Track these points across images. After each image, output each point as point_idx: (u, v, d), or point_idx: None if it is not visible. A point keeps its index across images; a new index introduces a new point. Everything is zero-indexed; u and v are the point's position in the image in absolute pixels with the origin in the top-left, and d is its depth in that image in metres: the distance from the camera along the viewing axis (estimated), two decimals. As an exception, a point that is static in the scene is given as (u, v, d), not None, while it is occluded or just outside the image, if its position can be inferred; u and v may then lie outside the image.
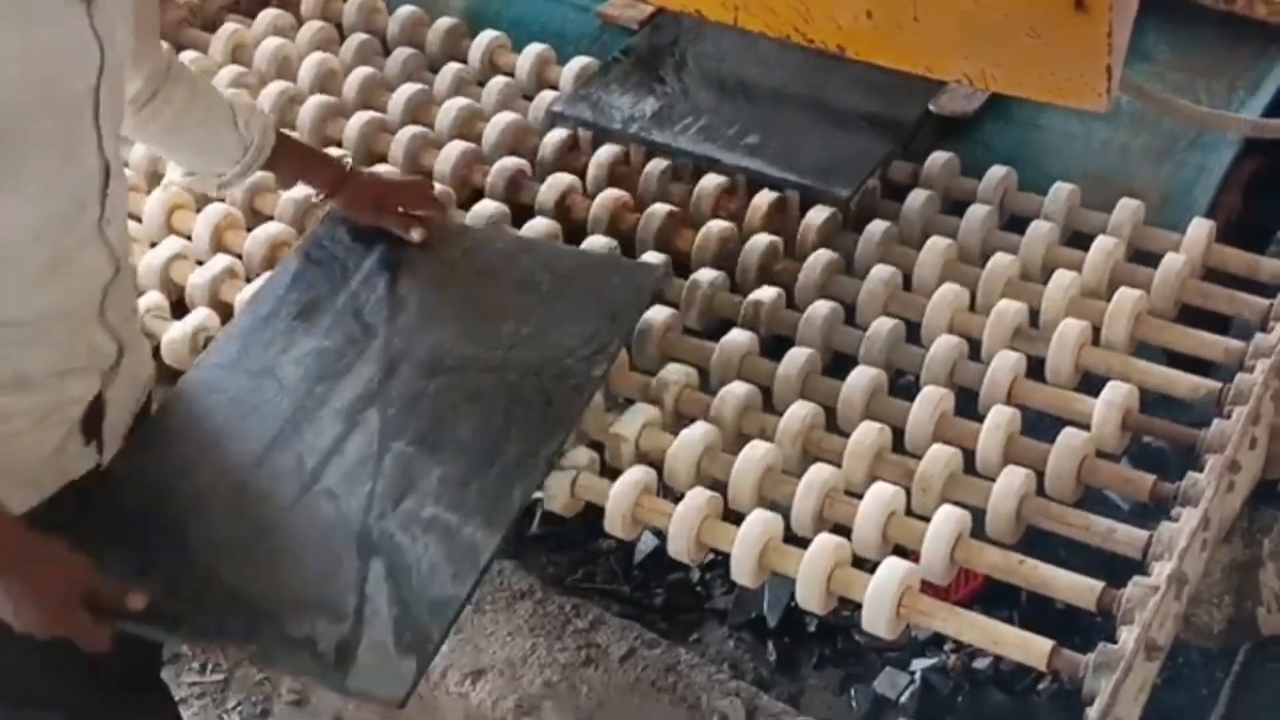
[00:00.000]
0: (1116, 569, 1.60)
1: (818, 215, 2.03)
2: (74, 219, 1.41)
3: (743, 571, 1.61)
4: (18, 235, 1.35)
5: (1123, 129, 2.17)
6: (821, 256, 1.95)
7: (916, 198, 2.08)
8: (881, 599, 1.53)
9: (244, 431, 1.69)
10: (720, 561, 2.37)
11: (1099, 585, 1.56)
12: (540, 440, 1.66)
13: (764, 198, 2.07)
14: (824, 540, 1.59)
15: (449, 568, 1.55)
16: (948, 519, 1.59)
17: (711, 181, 2.10)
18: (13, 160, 1.30)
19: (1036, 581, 1.60)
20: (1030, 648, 1.51)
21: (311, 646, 1.48)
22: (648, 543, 2.34)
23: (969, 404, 1.80)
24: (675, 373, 1.79)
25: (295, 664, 1.56)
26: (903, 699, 2.21)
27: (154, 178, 2.15)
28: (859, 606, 1.56)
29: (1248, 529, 1.99)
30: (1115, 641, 1.50)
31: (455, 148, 2.15)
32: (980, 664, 2.22)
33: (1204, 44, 2.26)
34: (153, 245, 2.04)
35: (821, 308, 1.87)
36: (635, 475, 1.68)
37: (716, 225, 2.01)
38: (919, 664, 2.25)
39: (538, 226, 2.01)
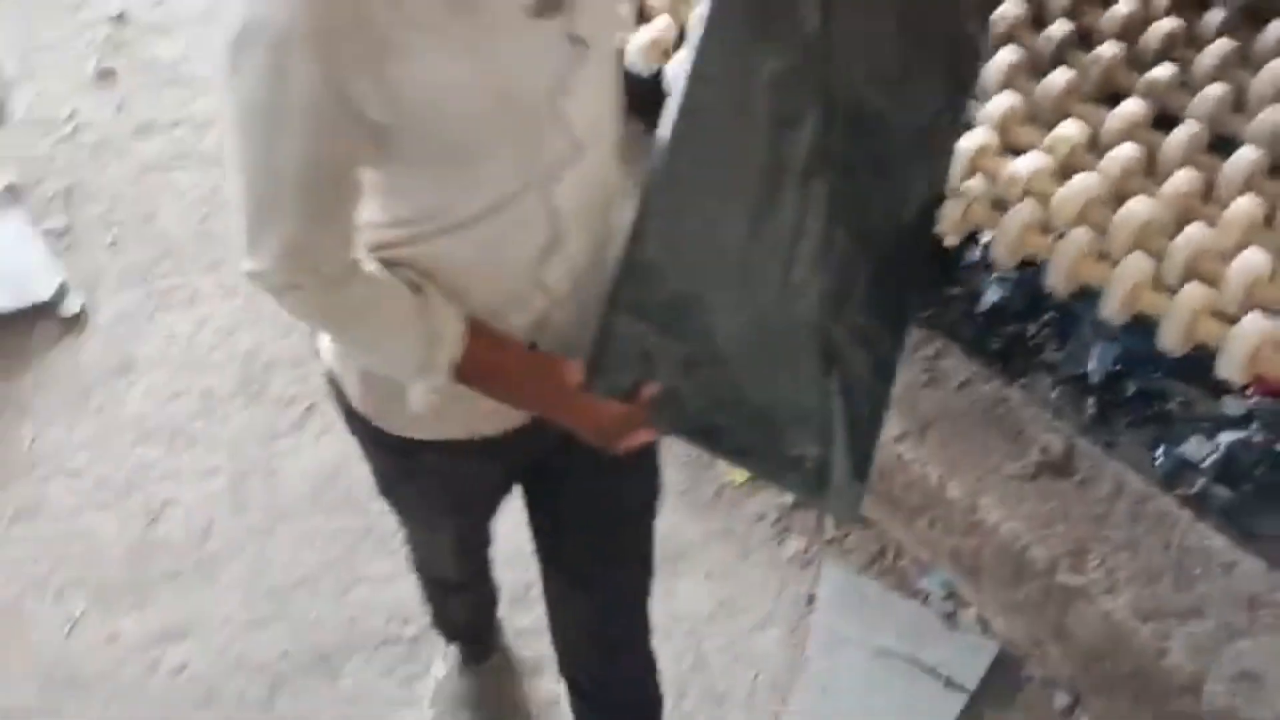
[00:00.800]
0: None
1: (1218, 14, 2.09)
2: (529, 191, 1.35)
3: (1112, 305, 1.75)
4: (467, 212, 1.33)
5: None
6: (1221, 45, 2.02)
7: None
8: (1240, 344, 1.65)
9: (735, 192, 1.46)
10: (1052, 321, 2.52)
11: None
12: (920, 237, 1.61)
13: (1171, -12, 2.13)
14: (1193, 287, 1.71)
15: (874, 386, 1.54)
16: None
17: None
18: (468, 162, 1.29)
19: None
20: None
21: (801, 466, 1.51)
22: (992, 294, 2.49)
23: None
24: (1070, 129, 1.92)
25: (790, 482, 1.59)
26: (1204, 464, 2.30)
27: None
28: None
29: None
30: None
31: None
32: (1286, 445, 2.30)
33: None
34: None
35: (1215, 90, 1.95)
36: (1025, 209, 1.82)
37: (1123, 6, 2.09)
38: (1225, 436, 2.32)
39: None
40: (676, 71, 1.50)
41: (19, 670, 2.36)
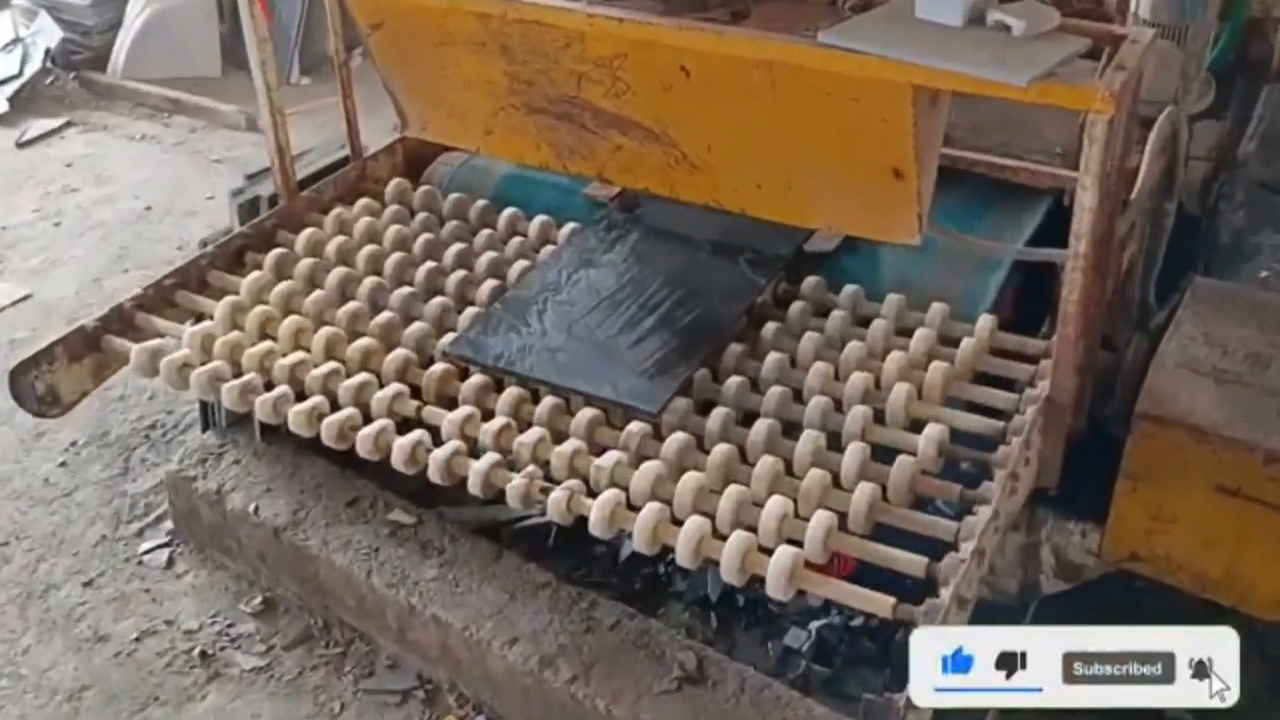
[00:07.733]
0: (939, 552, 1.66)
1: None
2: None
3: (685, 557, 1.68)
4: None
5: (932, 258, 2.19)
6: (733, 350, 2.05)
7: (795, 308, 2.16)
8: (778, 573, 1.60)
9: None
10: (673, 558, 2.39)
11: (925, 559, 1.64)
12: None
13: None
14: (739, 535, 1.66)
15: None
16: (822, 518, 1.67)
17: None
18: None
19: (882, 558, 1.66)
20: (879, 602, 1.59)
21: None
22: (627, 548, 2.36)
23: (834, 443, 1.86)
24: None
25: None
26: (803, 648, 2.22)
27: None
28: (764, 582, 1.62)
29: (1030, 522, 2.05)
30: (938, 597, 1.56)
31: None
32: (857, 622, 2.23)
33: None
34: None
35: (734, 380, 1.97)
36: (609, 495, 1.75)
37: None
38: (815, 624, 2.25)
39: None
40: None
41: None
